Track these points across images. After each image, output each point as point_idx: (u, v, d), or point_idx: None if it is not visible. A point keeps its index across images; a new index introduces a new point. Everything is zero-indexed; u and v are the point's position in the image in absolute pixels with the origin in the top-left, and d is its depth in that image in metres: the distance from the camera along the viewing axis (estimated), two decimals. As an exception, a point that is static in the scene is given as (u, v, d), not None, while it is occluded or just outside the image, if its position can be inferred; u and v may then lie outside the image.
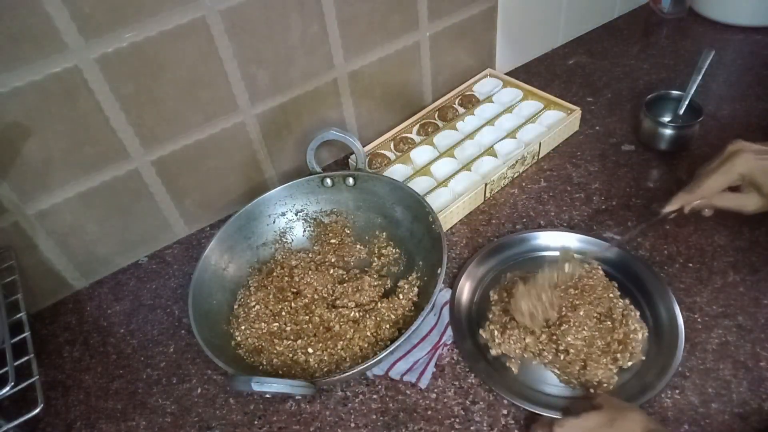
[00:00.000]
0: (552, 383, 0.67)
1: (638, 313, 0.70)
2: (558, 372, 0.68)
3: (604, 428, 0.56)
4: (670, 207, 0.68)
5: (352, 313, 0.74)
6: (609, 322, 0.69)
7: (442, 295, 0.76)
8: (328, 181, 0.85)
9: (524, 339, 0.69)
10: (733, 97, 1.01)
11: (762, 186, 0.63)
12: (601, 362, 0.66)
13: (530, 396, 0.66)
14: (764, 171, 0.62)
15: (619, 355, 0.66)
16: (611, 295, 0.72)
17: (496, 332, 0.70)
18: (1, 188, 0.70)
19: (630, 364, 0.66)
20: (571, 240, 0.80)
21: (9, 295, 0.70)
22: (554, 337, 0.68)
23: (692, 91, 0.92)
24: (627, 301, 0.72)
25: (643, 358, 0.67)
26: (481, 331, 0.71)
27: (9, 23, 0.61)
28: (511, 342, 0.69)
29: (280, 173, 0.94)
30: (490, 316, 0.73)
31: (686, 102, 0.92)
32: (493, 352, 0.69)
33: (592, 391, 0.65)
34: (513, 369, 0.68)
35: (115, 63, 0.69)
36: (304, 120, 0.91)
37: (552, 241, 0.81)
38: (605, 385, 0.65)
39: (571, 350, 0.67)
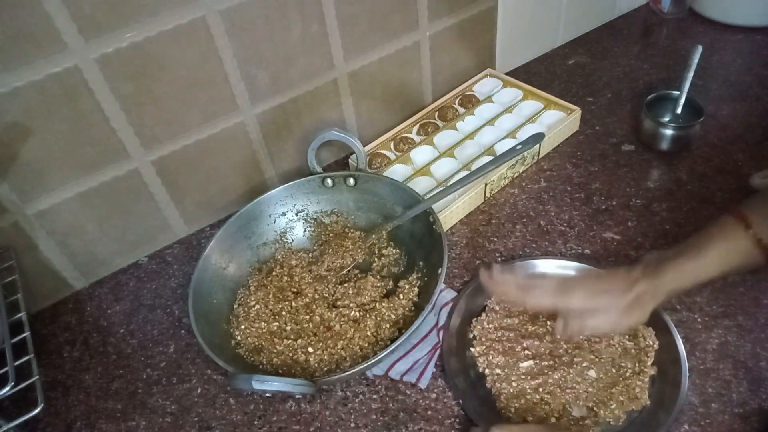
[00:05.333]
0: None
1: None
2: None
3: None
4: None
5: (353, 312, 0.74)
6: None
7: (442, 295, 0.76)
8: (329, 181, 0.85)
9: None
10: (733, 97, 1.01)
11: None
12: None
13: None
14: None
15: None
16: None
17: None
18: (1, 188, 0.70)
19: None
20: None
21: (9, 295, 0.70)
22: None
23: (686, 89, 0.92)
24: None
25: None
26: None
27: (9, 23, 0.61)
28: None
29: (280, 173, 0.94)
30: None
31: (682, 101, 0.92)
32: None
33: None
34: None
35: (115, 63, 0.69)
36: (304, 120, 0.91)
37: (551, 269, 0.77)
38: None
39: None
